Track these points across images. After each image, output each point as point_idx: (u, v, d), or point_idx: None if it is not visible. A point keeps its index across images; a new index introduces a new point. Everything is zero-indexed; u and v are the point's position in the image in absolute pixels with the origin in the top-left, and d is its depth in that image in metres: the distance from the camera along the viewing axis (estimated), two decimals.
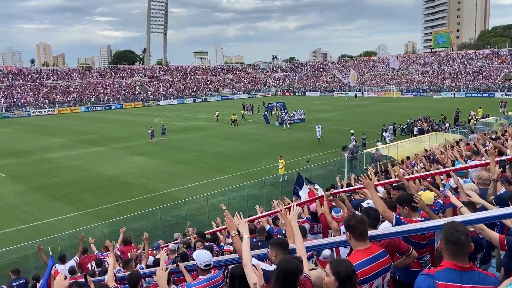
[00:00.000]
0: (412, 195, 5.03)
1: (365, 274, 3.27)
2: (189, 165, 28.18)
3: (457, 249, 2.64)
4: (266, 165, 26.77)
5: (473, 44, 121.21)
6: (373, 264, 3.33)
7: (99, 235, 16.15)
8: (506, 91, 69.58)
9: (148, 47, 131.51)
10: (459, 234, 2.65)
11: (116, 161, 30.19)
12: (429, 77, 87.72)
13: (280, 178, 22.87)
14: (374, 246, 3.46)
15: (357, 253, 3.38)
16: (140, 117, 59.62)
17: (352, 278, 2.77)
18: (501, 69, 79.79)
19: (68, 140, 40.80)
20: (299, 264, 3.08)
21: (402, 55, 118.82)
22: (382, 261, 3.42)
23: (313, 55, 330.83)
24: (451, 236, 2.65)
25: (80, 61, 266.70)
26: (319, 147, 31.47)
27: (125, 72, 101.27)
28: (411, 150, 24.06)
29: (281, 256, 3.55)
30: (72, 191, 23.17)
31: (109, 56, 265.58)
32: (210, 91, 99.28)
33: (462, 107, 43.86)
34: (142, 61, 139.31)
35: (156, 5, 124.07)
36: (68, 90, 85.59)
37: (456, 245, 2.63)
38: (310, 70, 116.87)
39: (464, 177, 7.42)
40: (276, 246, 3.74)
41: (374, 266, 3.33)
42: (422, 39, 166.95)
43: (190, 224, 12.70)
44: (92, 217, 18.48)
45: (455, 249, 2.64)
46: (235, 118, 46.47)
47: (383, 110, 55.62)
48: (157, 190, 22.46)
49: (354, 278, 2.79)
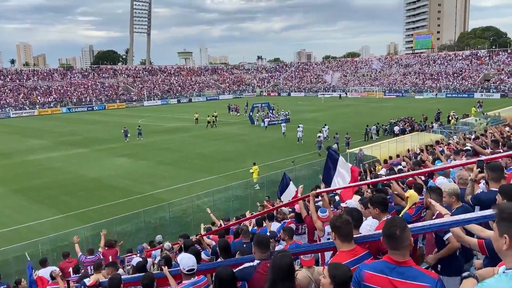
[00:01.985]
0: (384, 197, 5.10)
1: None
2: (174, 166, 28.00)
3: (392, 243, 2.71)
4: (251, 166, 26.76)
5: (453, 46, 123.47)
6: (357, 266, 3.36)
7: (82, 238, 15.94)
8: (485, 92, 71.12)
9: (131, 47, 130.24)
10: (394, 229, 2.72)
11: (98, 163, 29.80)
12: (410, 78, 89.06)
13: (254, 186, 22.22)
14: (358, 248, 3.50)
15: (341, 254, 3.41)
16: (124, 118, 58.95)
17: (348, 282, 2.80)
18: (481, 70, 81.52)
19: (49, 141, 40.09)
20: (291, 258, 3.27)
21: (384, 56, 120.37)
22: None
23: (297, 56, 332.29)
24: (387, 230, 2.74)
25: (61, 61, 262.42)
26: (304, 148, 31.62)
27: (108, 73, 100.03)
28: (393, 150, 24.40)
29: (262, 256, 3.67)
30: (53, 193, 22.78)
31: (91, 57, 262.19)
32: (194, 91, 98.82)
33: (443, 108, 44.70)
34: (125, 61, 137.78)
35: (140, 5, 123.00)
36: (49, 91, 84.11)
37: (391, 239, 2.71)
38: (294, 71, 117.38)
39: (445, 176, 7.57)
40: (254, 243, 3.86)
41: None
42: (404, 40, 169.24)
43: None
44: (75, 220, 18.19)
45: (391, 243, 2.71)
46: (211, 119, 46.22)
47: (366, 111, 56.25)
48: (141, 192, 22.25)
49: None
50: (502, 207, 2.11)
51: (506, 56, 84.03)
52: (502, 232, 2.03)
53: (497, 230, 2.07)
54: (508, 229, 2.00)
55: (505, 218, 2.02)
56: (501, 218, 2.05)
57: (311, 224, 6.42)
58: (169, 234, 16.04)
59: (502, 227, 2.03)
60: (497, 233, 2.07)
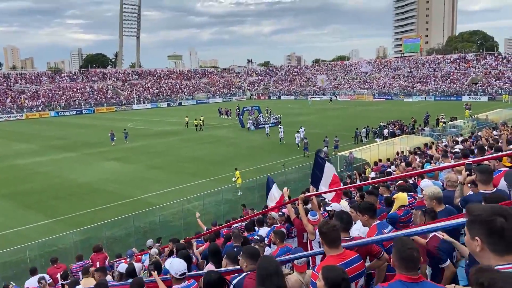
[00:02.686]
0: (371, 203, 5.15)
1: None
2: (164, 170, 27.85)
3: (410, 264, 2.75)
4: (242, 169, 26.73)
5: (441, 49, 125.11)
6: (346, 270, 3.36)
7: (70, 243, 15.77)
8: (473, 95, 72.06)
9: (120, 51, 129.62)
10: (411, 251, 2.78)
11: (88, 167, 29.52)
12: (400, 81, 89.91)
13: (237, 192, 21.75)
14: (347, 252, 3.51)
15: (329, 259, 3.43)
16: (113, 121, 58.51)
17: (341, 285, 2.81)
18: (468, 74, 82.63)
19: (38, 146, 39.62)
20: (278, 265, 3.29)
21: (373, 59, 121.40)
22: (355, 266, 3.45)
23: (287, 59, 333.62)
24: (404, 253, 2.76)
25: (49, 64, 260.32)
26: (295, 151, 31.64)
27: (97, 76, 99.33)
28: (383, 153, 24.58)
29: (251, 267, 3.67)
30: (42, 198, 22.50)
31: (80, 60, 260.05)
32: (184, 95, 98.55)
33: (431, 111, 45.17)
34: (115, 64, 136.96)
35: (129, 8, 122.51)
36: (36, 94, 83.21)
37: (409, 261, 2.75)
38: (284, 74, 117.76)
39: (433, 179, 7.65)
40: (246, 256, 3.83)
41: (347, 272, 3.36)
42: (393, 44, 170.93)
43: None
44: (64, 225, 17.97)
45: (408, 265, 2.75)
46: (198, 123, 46.13)
47: (356, 114, 56.62)
48: (131, 196, 22.08)
49: (344, 285, 2.82)
50: (471, 210, 2.14)
51: (493, 60, 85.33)
52: (473, 234, 2.05)
53: (468, 233, 2.10)
54: (478, 231, 2.02)
55: (474, 221, 2.05)
56: (471, 221, 2.08)
57: (300, 227, 6.44)
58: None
59: (472, 229, 2.06)
60: (469, 236, 2.09)
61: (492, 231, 1.98)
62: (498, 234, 1.98)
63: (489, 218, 2.00)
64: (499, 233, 1.97)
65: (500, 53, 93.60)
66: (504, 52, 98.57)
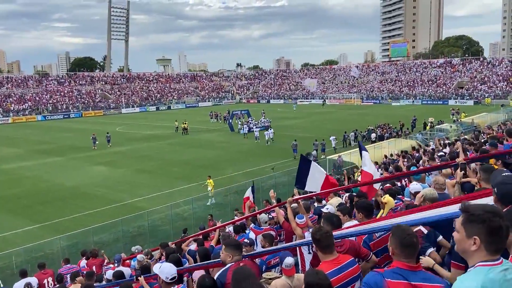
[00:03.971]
0: (369, 202, 5.19)
1: (333, 285, 3.33)
2: (153, 174, 27.69)
3: (411, 251, 2.74)
4: (231, 172, 26.75)
5: (427, 54, 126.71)
6: (341, 274, 3.37)
7: (57, 249, 15.58)
8: (459, 99, 73.10)
9: (109, 54, 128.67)
10: (411, 237, 2.76)
11: (75, 172, 29.21)
12: (387, 85, 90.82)
13: (208, 201, 21.21)
14: (342, 256, 3.52)
15: (324, 264, 3.43)
16: (101, 125, 57.99)
17: (317, 285, 2.83)
18: (454, 78, 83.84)
19: (24, 150, 39.07)
20: (250, 270, 3.36)
21: (362, 63, 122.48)
22: (351, 270, 3.46)
23: (276, 63, 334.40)
24: (405, 240, 2.74)
25: (36, 68, 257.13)
26: (284, 154, 31.69)
27: (85, 80, 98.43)
28: (371, 156, 24.70)
29: (236, 258, 3.70)
30: (28, 203, 22.19)
31: (68, 63, 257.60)
32: (173, 99, 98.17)
33: (419, 114, 45.70)
34: (103, 68, 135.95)
35: (117, 11, 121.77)
36: (23, 98, 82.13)
37: (410, 247, 2.73)
38: (274, 78, 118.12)
39: (420, 182, 7.74)
40: (230, 247, 3.88)
41: (342, 276, 3.37)
42: (381, 48, 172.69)
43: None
44: (50, 230, 17.74)
45: (409, 251, 2.74)
46: (185, 126, 45.95)
47: (344, 117, 56.99)
48: (119, 200, 21.90)
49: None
50: (470, 208, 2.15)
51: (478, 64, 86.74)
52: (471, 233, 2.06)
53: (464, 231, 2.10)
54: (478, 230, 2.03)
55: (473, 220, 2.07)
56: (470, 220, 2.08)
57: (289, 230, 6.48)
58: (148, 243, 15.82)
59: (471, 228, 2.07)
60: (464, 235, 2.10)
61: (493, 231, 2.01)
62: (497, 233, 2.02)
63: (490, 218, 2.02)
64: (498, 232, 2.02)
65: (485, 57, 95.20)
66: (489, 57, 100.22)
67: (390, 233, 2.90)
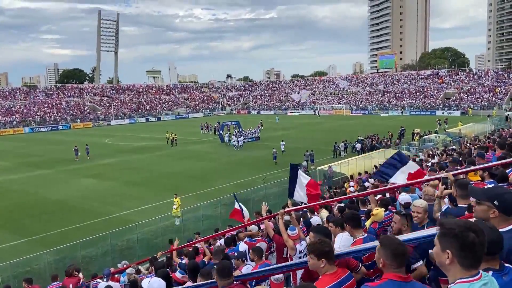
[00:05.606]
0: (354, 213, 5.20)
1: None
2: (142, 187, 27.44)
3: (403, 260, 2.73)
4: (221, 184, 26.62)
5: (415, 65, 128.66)
6: None
7: (44, 263, 15.29)
8: (446, 110, 74.10)
9: (98, 66, 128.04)
10: (402, 245, 2.77)
11: (63, 184, 28.82)
12: (376, 96, 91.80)
13: (176, 221, 20.15)
14: (340, 270, 3.50)
15: (324, 278, 3.38)
16: (90, 137, 57.46)
17: None
18: (441, 89, 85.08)
19: (11, 163, 38.51)
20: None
21: (350, 75, 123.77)
22: (348, 284, 3.44)
23: (266, 74, 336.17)
24: (397, 250, 2.72)
25: (24, 80, 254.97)
26: (274, 166, 31.69)
27: (74, 91, 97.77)
28: (361, 167, 24.90)
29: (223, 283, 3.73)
30: (14, 217, 21.80)
31: (56, 75, 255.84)
32: (163, 110, 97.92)
33: (407, 125, 46.20)
34: (92, 80, 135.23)
35: (107, 23, 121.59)
36: (10, 110, 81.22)
37: (402, 256, 2.73)
38: (264, 89, 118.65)
39: (410, 193, 7.78)
40: (215, 273, 3.97)
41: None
42: (369, 60, 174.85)
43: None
44: (37, 245, 17.40)
45: (401, 260, 2.72)
46: (174, 137, 45.86)
47: (334, 128, 57.32)
48: (108, 213, 21.61)
49: None
50: (444, 223, 2.19)
51: (465, 76, 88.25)
52: (444, 247, 2.10)
53: (440, 245, 2.14)
54: (450, 245, 2.07)
55: (447, 234, 2.10)
56: (444, 234, 2.13)
57: (279, 242, 6.44)
58: (137, 256, 15.60)
59: (444, 242, 2.11)
60: (439, 248, 2.14)
61: (464, 246, 2.04)
62: (469, 248, 2.04)
63: (462, 232, 2.05)
64: (470, 247, 2.04)
65: (471, 69, 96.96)
66: (475, 68, 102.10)
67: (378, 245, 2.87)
